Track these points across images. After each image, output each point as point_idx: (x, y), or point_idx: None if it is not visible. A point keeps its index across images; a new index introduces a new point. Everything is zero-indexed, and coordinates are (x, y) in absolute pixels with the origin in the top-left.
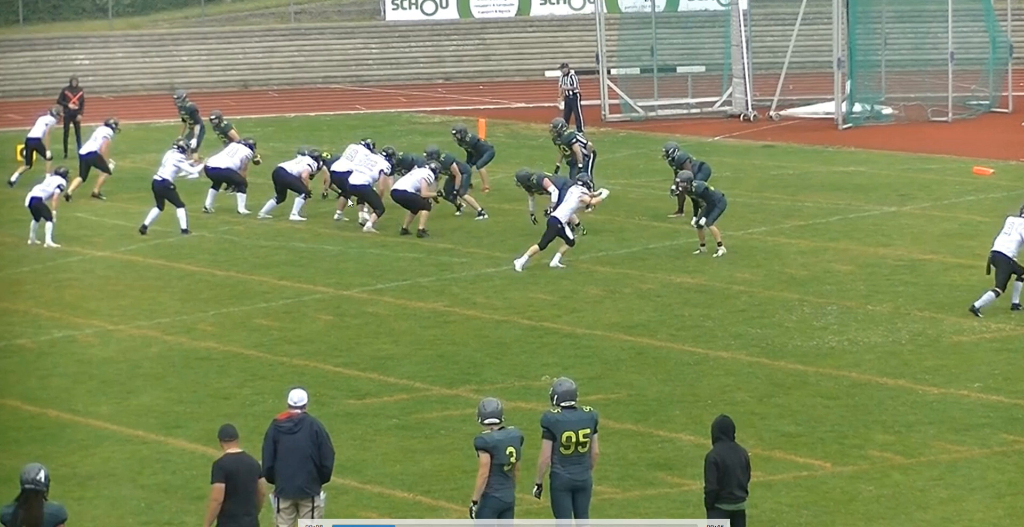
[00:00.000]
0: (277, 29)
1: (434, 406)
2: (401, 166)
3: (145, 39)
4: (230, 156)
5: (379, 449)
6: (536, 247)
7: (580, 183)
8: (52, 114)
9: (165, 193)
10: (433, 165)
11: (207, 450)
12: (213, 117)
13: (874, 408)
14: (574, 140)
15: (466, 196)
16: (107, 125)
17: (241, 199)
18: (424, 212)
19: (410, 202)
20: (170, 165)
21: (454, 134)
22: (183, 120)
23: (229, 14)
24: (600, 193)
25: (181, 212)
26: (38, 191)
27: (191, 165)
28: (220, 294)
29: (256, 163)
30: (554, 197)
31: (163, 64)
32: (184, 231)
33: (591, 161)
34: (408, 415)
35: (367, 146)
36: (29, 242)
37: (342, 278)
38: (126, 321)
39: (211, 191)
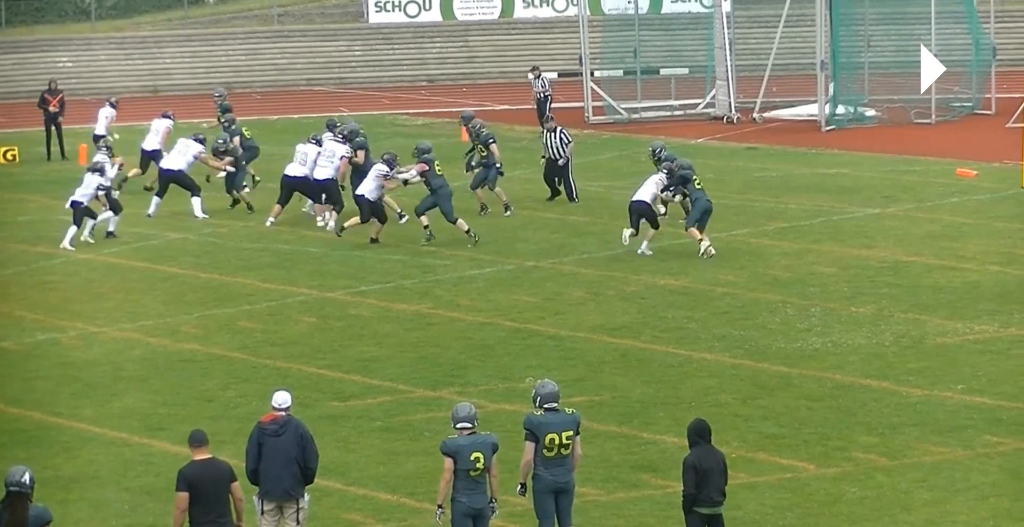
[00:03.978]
0: (260, 31)
1: (418, 408)
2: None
3: (128, 41)
4: (182, 154)
5: (363, 451)
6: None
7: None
8: (111, 105)
9: (175, 180)
10: (386, 156)
11: (190, 452)
12: (224, 121)
13: (858, 410)
14: (492, 141)
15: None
16: (165, 117)
17: (196, 203)
18: (381, 224)
19: (375, 209)
20: (188, 155)
21: (469, 123)
22: (218, 118)
23: (212, 16)
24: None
25: (196, 200)
26: (79, 195)
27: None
28: (204, 296)
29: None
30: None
31: (146, 66)
32: (199, 216)
33: (566, 151)
34: (392, 417)
35: (317, 142)
36: (81, 239)
37: (325, 280)
38: (110, 323)
39: (155, 198)
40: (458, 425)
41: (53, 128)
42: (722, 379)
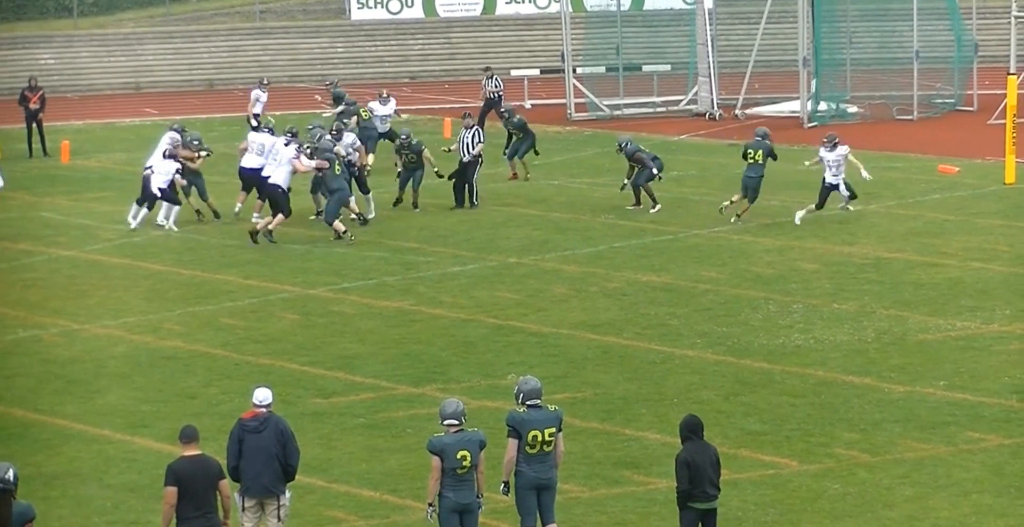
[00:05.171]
0: (242, 28)
1: (400, 405)
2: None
3: (110, 38)
4: (160, 149)
5: (345, 448)
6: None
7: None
8: (261, 88)
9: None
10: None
11: (173, 449)
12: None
13: (840, 406)
14: (421, 149)
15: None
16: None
17: (173, 212)
18: (280, 216)
19: (275, 200)
20: (164, 146)
21: (502, 113)
22: (330, 106)
23: (194, 13)
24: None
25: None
26: (160, 182)
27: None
28: (186, 293)
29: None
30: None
31: (128, 64)
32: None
33: (473, 150)
34: (374, 414)
35: (270, 131)
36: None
37: (308, 277)
38: (92, 321)
39: (134, 206)
40: (445, 422)
41: (34, 125)
42: (704, 376)
